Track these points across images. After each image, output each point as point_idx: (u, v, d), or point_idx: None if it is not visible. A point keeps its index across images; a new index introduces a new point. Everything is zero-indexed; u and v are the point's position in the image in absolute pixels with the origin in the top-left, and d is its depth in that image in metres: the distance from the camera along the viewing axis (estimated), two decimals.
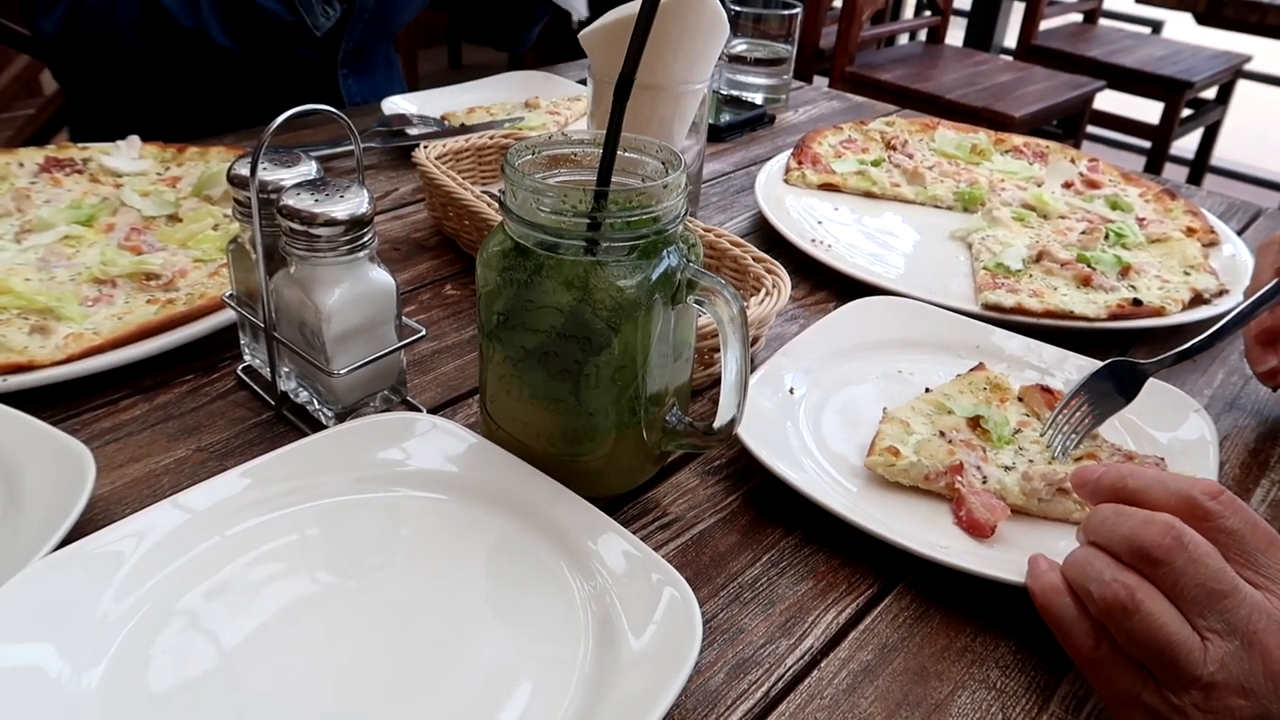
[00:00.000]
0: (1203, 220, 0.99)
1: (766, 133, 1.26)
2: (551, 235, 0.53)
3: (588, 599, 0.50)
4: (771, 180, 1.04)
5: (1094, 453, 0.65)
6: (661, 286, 0.54)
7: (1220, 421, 0.73)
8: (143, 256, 0.79)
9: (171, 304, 0.74)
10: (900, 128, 1.18)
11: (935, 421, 0.66)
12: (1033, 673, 0.52)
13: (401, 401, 0.68)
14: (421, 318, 0.79)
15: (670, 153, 0.57)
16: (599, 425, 0.57)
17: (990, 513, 0.59)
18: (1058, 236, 0.94)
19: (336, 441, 0.59)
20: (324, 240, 0.59)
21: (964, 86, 2.76)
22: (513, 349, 0.57)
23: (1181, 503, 0.49)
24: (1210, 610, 0.45)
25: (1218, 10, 2.30)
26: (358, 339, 0.62)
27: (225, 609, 0.49)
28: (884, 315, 0.78)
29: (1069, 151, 1.14)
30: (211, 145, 0.99)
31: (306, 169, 0.64)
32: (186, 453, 0.63)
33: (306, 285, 0.60)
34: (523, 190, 0.53)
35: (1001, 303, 0.82)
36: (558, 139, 0.59)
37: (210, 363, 0.72)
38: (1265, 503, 0.66)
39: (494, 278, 0.56)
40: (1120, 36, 3.46)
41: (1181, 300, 0.83)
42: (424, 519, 0.56)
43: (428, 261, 0.89)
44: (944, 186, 1.05)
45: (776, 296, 0.72)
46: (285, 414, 0.67)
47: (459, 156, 0.95)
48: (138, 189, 0.91)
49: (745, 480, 0.64)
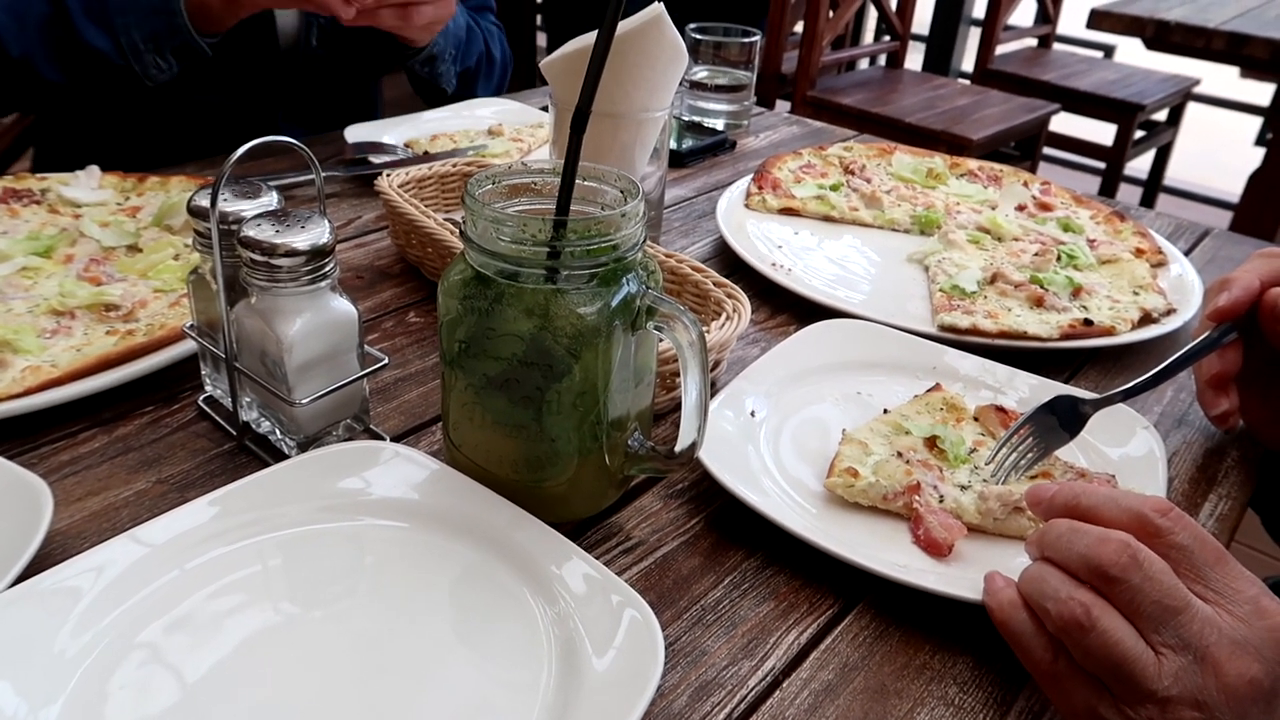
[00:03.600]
0: (1151, 241, 1.02)
1: (728, 158, 1.28)
2: (512, 264, 0.54)
3: (551, 624, 0.50)
4: (732, 205, 1.05)
5: (1048, 471, 0.66)
6: (621, 313, 0.55)
7: (1169, 438, 0.75)
8: (102, 288, 0.79)
9: (131, 335, 0.73)
10: (858, 152, 1.20)
11: (893, 442, 0.67)
12: (990, 688, 0.52)
13: (364, 430, 0.68)
14: (384, 345, 0.80)
15: (629, 181, 0.58)
16: (561, 451, 0.58)
17: (947, 532, 0.60)
18: (1011, 258, 0.96)
19: (298, 471, 0.58)
20: (285, 271, 0.59)
21: (923, 110, 2.81)
22: (475, 376, 0.58)
23: (1133, 520, 0.50)
24: (1164, 626, 0.46)
25: (1165, 36, 2.36)
26: (320, 368, 0.62)
27: (186, 642, 0.48)
28: (843, 338, 0.79)
29: (1022, 175, 1.17)
30: (172, 175, 0.99)
31: (267, 199, 0.64)
32: (146, 485, 0.62)
33: (268, 316, 0.60)
34: (483, 220, 0.54)
35: (957, 324, 0.83)
36: (517, 168, 0.60)
37: (171, 393, 0.71)
38: (1213, 517, 0.68)
39: (455, 306, 0.57)
40: (1074, 61, 3.55)
41: (1131, 320, 0.86)
42: (387, 547, 0.56)
43: (391, 289, 0.89)
44: (901, 210, 1.07)
45: (737, 321, 0.73)
46: (247, 444, 0.66)
47: (422, 184, 0.96)
48: (97, 219, 0.90)
49: (708, 503, 0.64)
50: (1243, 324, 0.69)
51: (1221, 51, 2.33)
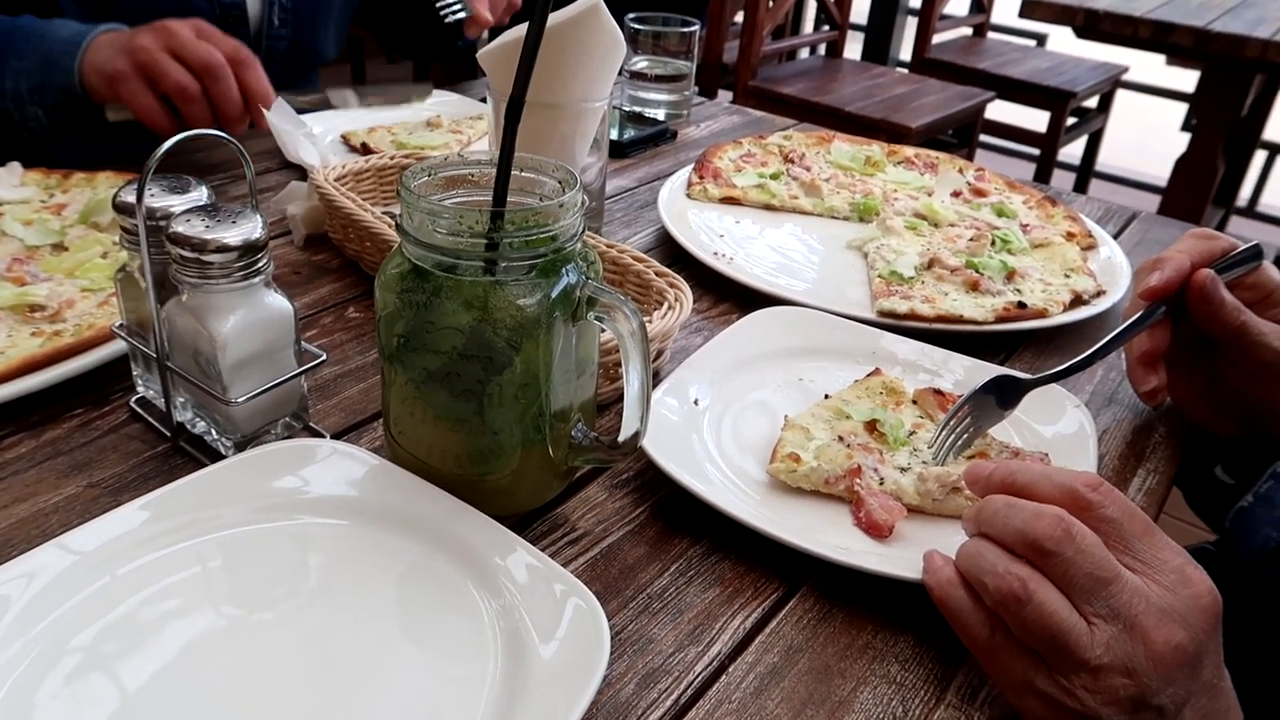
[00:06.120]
0: (1081, 225, 1.04)
1: (669, 148, 1.28)
2: (449, 257, 0.53)
3: (496, 617, 0.50)
4: (674, 195, 1.06)
5: (984, 450, 0.68)
6: (561, 304, 0.55)
7: (1100, 416, 0.77)
8: (26, 288, 0.76)
9: (58, 336, 0.71)
10: (798, 141, 1.21)
11: (834, 427, 0.68)
12: (930, 665, 0.54)
13: (304, 428, 0.67)
14: (323, 341, 0.78)
15: (567, 172, 0.58)
16: (504, 444, 0.57)
17: (888, 513, 0.61)
18: (948, 244, 0.98)
19: (234, 472, 0.57)
20: (217, 267, 0.58)
21: (863, 99, 2.84)
22: (415, 371, 0.57)
23: (1065, 495, 0.52)
24: (1096, 597, 0.48)
25: (1095, 24, 2.42)
26: (255, 366, 0.61)
27: (122, 649, 0.47)
28: (784, 325, 0.80)
29: (957, 162, 1.19)
30: (99, 171, 0.96)
31: (197, 195, 0.62)
32: (77, 490, 0.61)
33: (200, 313, 0.59)
34: (419, 212, 0.53)
35: (895, 309, 0.85)
36: (454, 160, 0.59)
37: (101, 395, 0.70)
38: (1141, 491, 0.70)
39: (393, 300, 0.56)
40: (1008, 49, 3.62)
41: (1062, 302, 0.88)
42: (328, 545, 0.55)
43: (329, 285, 0.87)
44: (840, 198, 1.08)
45: (679, 310, 0.74)
46: (182, 445, 0.65)
47: (359, 178, 0.94)
48: (19, 218, 0.87)
49: (653, 492, 0.64)
50: (1172, 303, 0.71)
51: (1148, 40, 2.40)
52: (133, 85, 0.92)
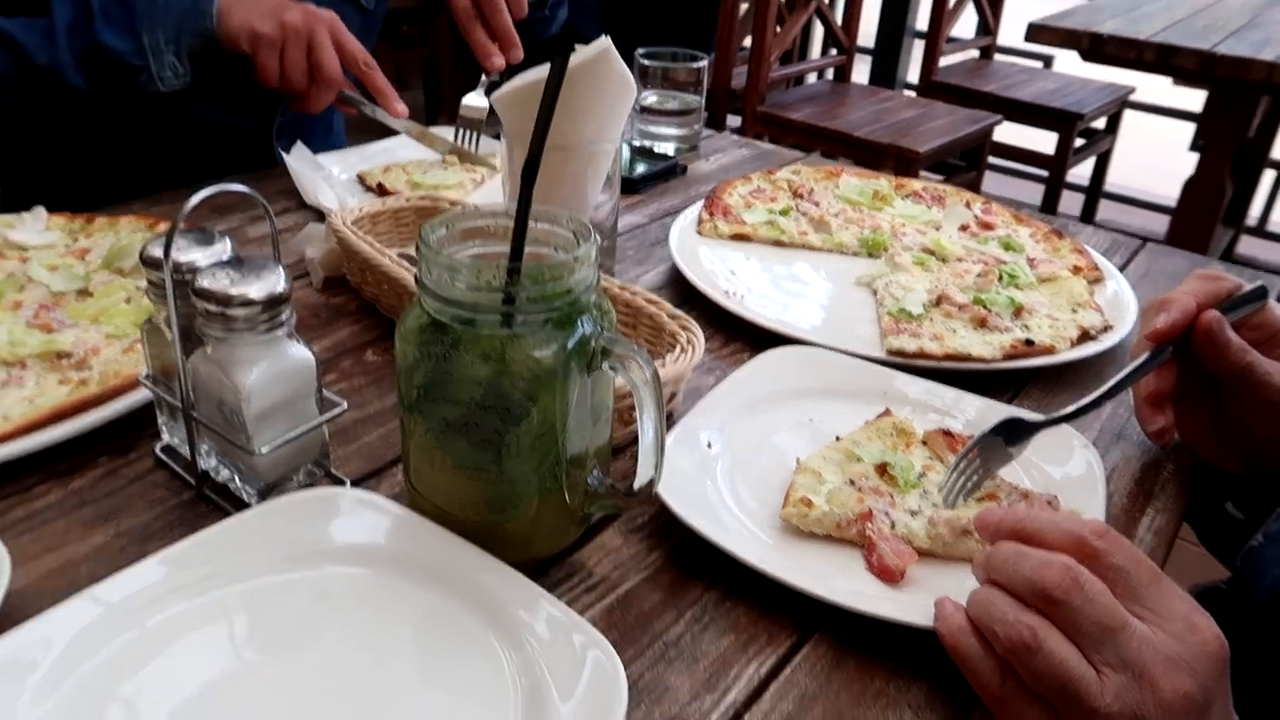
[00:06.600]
0: (1088, 258, 1.05)
1: (679, 183, 1.30)
2: (467, 310, 0.55)
3: (516, 670, 0.51)
4: (685, 232, 1.07)
5: (994, 493, 0.68)
6: (577, 355, 0.56)
7: (1109, 453, 0.78)
8: (53, 335, 0.78)
9: (84, 384, 0.73)
10: (806, 175, 1.23)
11: (845, 469, 0.69)
12: (943, 712, 0.54)
13: (325, 474, 0.68)
14: (343, 386, 0.80)
15: (580, 224, 0.59)
16: (521, 492, 0.59)
17: (899, 558, 0.62)
18: (955, 279, 0.99)
19: (257, 522, 0.59)
20: (241, 321, 0.59)
21: (871, 124, 2.86)
22: (434, 421, 0.59)
23: (1073, 543, 0.53)
24: (1104, 645, 0.49)
25: (1100, 48, 2.44)
26: (278, 416, 0.63)
27: (152, 700, 0.49)
28: (795, 365, 0.81)
29: (964, 194, 1.20)
30: (121, 215, 0.98)
31: (221, 247, 0.64)
32: (105, 539, 0.62)
33: (224, 365, 0.60)
34: (437, 267, 0.55)
35: (905, 348, 0.86)
36: (470, 212, 0.61)
37: (127, 442, 0.71)
38: (1151, 530, 0.70)
39: (412, 352, 0.58)
40: (1015, 71, 3.64)
41: (1070, 338, 0.89)
42: (351, 594, 0.56)
43: (348, 327, 0.89)
44: (849, 233, 1.09)
45: (691, 353, 0.75)
46: (206, 493, 0.66)
47: (375, 220, 0.96)
48: (45, 263, 0.89)
49: (668, 536, 0.65)
50: (1178, 343, 0.72)
51: (1153, 63, 2.41)
52: (268, 52, 1.06)
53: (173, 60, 1.06)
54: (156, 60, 1.05)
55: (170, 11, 1.04)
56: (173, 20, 1.05)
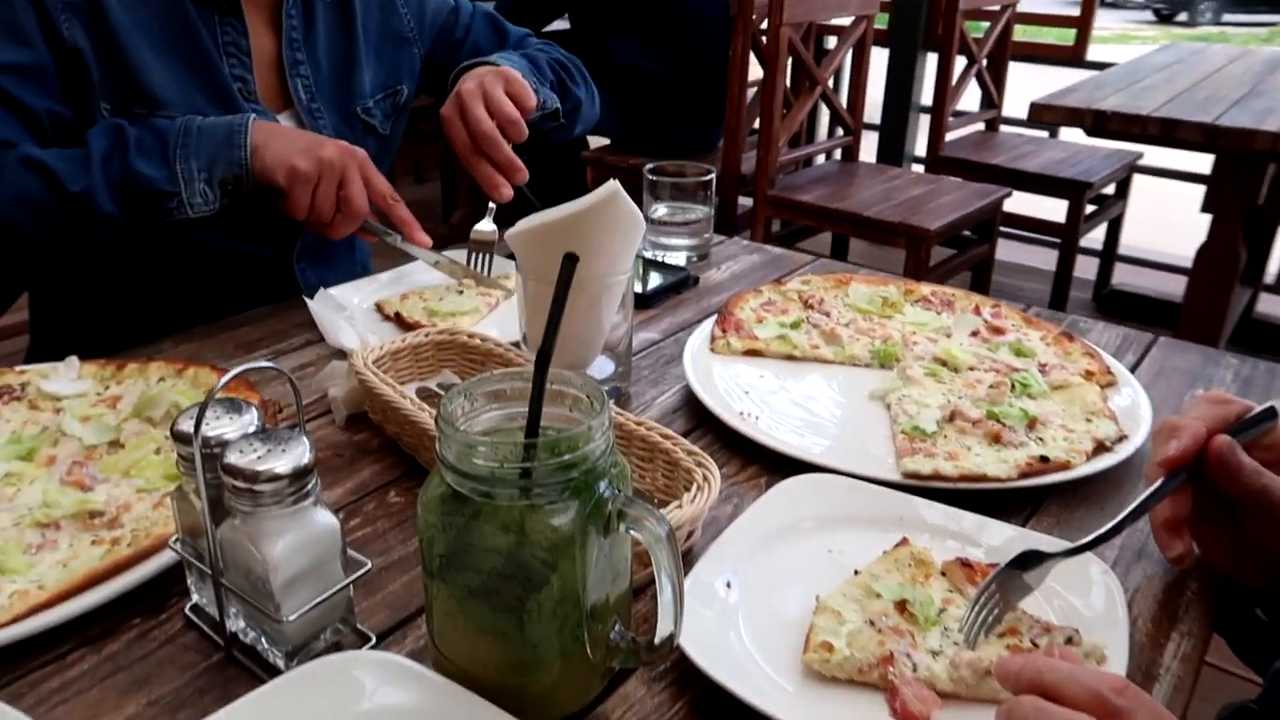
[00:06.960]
0: (1100, 362, 1.06)
1: (692, 294, 1.32)
2: (486, 484, 0.57)
3: None
4: (699, 351, 1.09)
5: (1015, 627, 0.68)
6: (594, 519, 0.58)
7: (1130, 572, 0.78)
8: (86, 495, 0.80)
9: (117, 543, 0.75)
10: (816, 285, 1.25)
11: (865, 608, 0.70)
12: None
13: (351, 630, 0.69)
14: (366, 531, 0.81)
15: (593, 387, 0.61)
16: (545, 654, 0.60)
17: (923, 704, 0.62)
18: (968, 390, 1.00)
19: (283, 692, 0.60)
20: (268, 495, 0.61)
21: (880, 202, 2.90)
22: (456, 588, 0.60)
23: (1093, 700, 0.53)
24: None
25: (1104, 124, 2.47)
26: (305, 581, 0.64)
27: None
28: (811, 494, 0.82)
29: (974, 298, 1.21)
30: (151, 360, 1.01)
31: (249, 419, 0.66)
32: (137, 709, 0.63)
33: (253, 537, 0.62)
34: (456, 444, 0.57)
35: (920, 470, 0.86)
36: (487, 378, 0.63)
37: (157, 601, 0.73)
38: (1177, 658, 0.70)
39: (434, 521, 0.59)
40: (1021, 142, 3.69)
41: (1085, 451, 0.89)
42: None
43: (370, 467, 0.91)
44: (860, 345, 1.11)
45: (708, 491, 0.76)
46: (235, 655, 0.68)
47: (396, 357, 0.99)
48: (78, 414, 0.92)
49: (690, 684, 0.66)
50: (1191, 468, 0.72)
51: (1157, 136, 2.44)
52: (303, 188, 1.10)
53: (203, 187, 1.10)
54: (188, 188, 1.09)
55: (204, 143, 1.09)
56: (206, 151, 1.09)
